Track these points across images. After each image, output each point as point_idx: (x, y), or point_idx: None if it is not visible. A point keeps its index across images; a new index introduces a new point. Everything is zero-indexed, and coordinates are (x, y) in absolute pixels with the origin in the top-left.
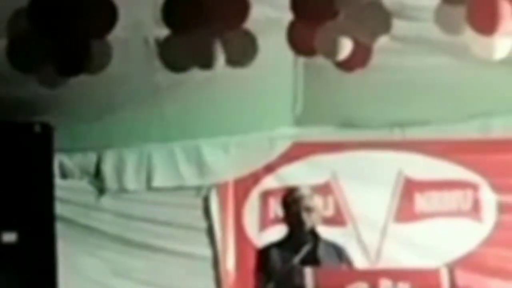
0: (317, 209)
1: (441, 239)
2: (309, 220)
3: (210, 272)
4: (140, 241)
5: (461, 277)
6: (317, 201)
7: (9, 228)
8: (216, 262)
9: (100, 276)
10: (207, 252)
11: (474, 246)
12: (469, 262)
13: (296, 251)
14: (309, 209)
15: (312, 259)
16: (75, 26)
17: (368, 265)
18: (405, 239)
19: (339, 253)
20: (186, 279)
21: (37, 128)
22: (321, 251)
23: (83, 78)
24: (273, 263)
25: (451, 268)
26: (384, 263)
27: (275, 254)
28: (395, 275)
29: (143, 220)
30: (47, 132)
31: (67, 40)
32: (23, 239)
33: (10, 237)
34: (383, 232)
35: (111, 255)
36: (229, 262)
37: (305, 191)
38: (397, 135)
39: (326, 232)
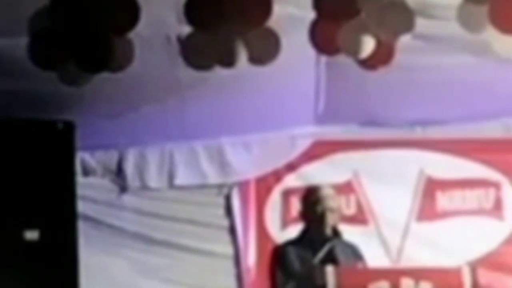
0: (339, 210)
1: (463, 238)
2: (331, 220)
3: (231, 270)
4: (161, 239)
5: (483, 275)
6: (339, 201)
7: (31, 226)
8: (237, 260)
9: (122, 274)
10: (229, 250)
11: (496, 245)
12: (491, 260)
13: (314, 250)
14: (331, 210)
15: (331, 259)
16: (97, 23)
17: (390, 264)
18: (426, 238)
19: (354, 252)
20: (208, 277)
21: (60, 126)
22: (340, 251)
23: (105, 75)
24: (291, 261)
25: (473, 267)
26: (405, 262)
27: (292, 252)
28: (417, 274)
29: (165, 218)
30: (69, 129)
31: (89, 37)
32: (45, 237)
33: (32, 234)
34: (405, 231)
35: (132, 253)
36: (251, 260)
37: (328, 191)
38: (419, 133)
39: (347, 231)
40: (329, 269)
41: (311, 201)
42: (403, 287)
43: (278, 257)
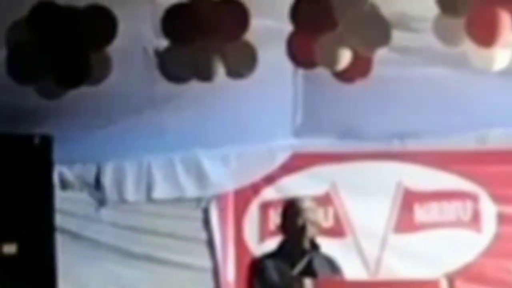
0: (319, 222)
1: (441, 250)
2: (311, 232)
3: (210, 284)
4: (139, 253)
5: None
6: (319, 214)
7: (9, 239)
8: (216, 274)
9: (100, 287)
10: (207, 263)
11: (474, 257)
12: (469, 273)
13: (293, 262)
14: (312, 222)
15: (309, 271)
16: (75, 39)
17: (368, 276)
18: (404, 250)
19: (332, 264)
20: None
21: (37, 140)
22: (318, 264)
23: (82, 89)
24: (269, 274)
25: (451, 279)
26: (383, 274)
27: (271, 265)
28: (395, 286)
29: (143, 231)
30: (47, 143)
31: (67, 52)
32: (23, 250)
33: (10, 248)
34: (383, 243)
35: (110, 266)
36: (229, 273)
37: (309, 203)
38: (396, 146)
39: (325, 244)
40: (307, 282)
41: (291, 213)
42: None
43: (256, 270)
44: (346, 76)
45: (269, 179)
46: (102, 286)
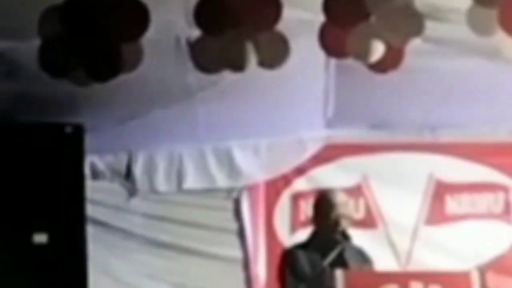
0: (351, 215)
1: (472, 241)
2: (342, 225)
3: (240, 275)
4: (170, 243)
5: (492, 280)
6: (350, 207)
7: (40, 229)
8: (246, 264)
9: (131, 278)
10: (238, 254)
11: (505, 249)
12: (500, 265)
13: (324, 253)
14: (344, 216)
15: (340, 262)
16: (108, 31)
17: (399, 268)
18: (436, 242)
19: (363, 256)
20: (217, 281)
21: (68, 129)
22: (349, 255)
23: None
24: (301, 264)
25: (482, 271)
26: (414, 266)
27: (302, 256)
28: (426, 277)
29: (173, 222)
30: (78, 133)
31: (100, 45)
32: (54, 240)
33: (41, 238)
34: (414, 235)
35: (141, 256)
36: (260, 265)
37: (341, 197)
38: (428, 137)
39: (357, 235)
40: (339, 273)
41: (323, 206)
42: None
43: (287, 261)
44: (378, 67)
45: (300, 170)
46: (132, 276)
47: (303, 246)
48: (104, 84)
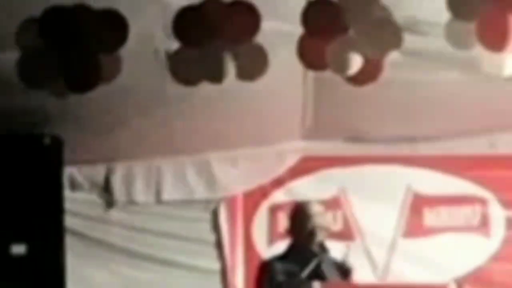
0: (328, 227)
1: (450, 254)
2: (319, 237)
3: (218, 286)
4: (148, 254)
5: None
6: (328, 218)
7: (18, 240)
8: (224, 276)
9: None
10: (216, 266)
11: (483, 262)
12: (478, 277)
13: (302, 265)
14: (321, 227)
15: (318, 274)
16: (86, 42)
17: (376, 281)
18: (413, 254)
19: (341, 268)
20: None
21: (47, 140)
22: (326, 267)
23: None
24: (278, 276)
25: (460, 283)
26: (392, 278)
27: (279, 268)
28: None
29: (152, 233)
30: (57, 144)
31: (78, 56)
32: (32, 251)
33: (19, 249)
34: (392, 247)
35: (119, 267)
36: (238, 276)
37: (318, 208)
38: (406, 150)
39: (334, 247)
40: (316, 285)
41: (300, 218)
42: None
43: (265, 272)
44: (356, 80)
45: (278, 182)
46: (109, 286)
47: (281, 258)
48: (82, 95)
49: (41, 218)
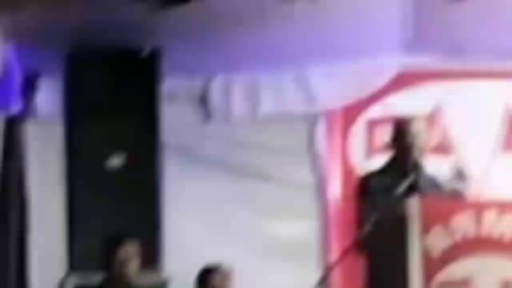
0: (426, 143)
1: None
2: (416, 153)
3: (313, 200)
4: (244, 168)
5: None
6: (426, 135)
7: (115, 153)
8: (321, 190)
9: (204, 202)
10: (312, 179)
11: None
12: None
13: (399, 180)
14: (418, 143)
15: (414, 190)
16: None
17: (473, 196)
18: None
19: (437, 184)
20: (290, 206)
21: (146, 52)
22: (422, 183)
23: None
24: (376, 191)
25: None
26: (488, 194)
27: (378, 182)
28: (501, 207)
29: (248, 146)
30: (156, 56)
31: None
32: (128, 164)
33: (116, 162)
34: (489, 163)
35: (215, 181)
36: (334, 190)
37: (419, 126)
38: (506, 64)
39: (430, 162)
40: (413, 201)
41: (399, 134)
42: (486, 220)
43: (363, 187)
44: None
45: (377, 97)
46: (205, 200)
47: (379, 172)
48: (182, 7)
49: (138, 131)
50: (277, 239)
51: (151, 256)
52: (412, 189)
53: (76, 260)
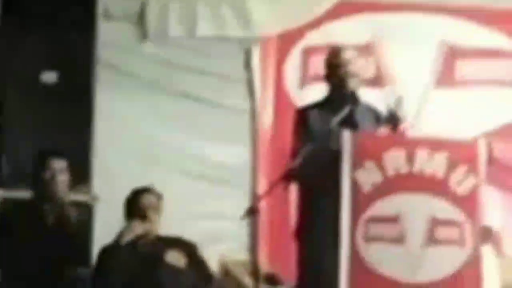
0: (361, 74)
1: (481, 108)
2: (352, 83)
3: (247, 126)
4: (179, 89)
5: (499, 148)
6: (361, 65)
7: (49, 68)
8: (253, 116)
9: (137, 120)
10: (246, 105)
11: None
12: (508, 132)
13: (334, 113)
14: (353, 74)
15: (350, 122)
16: None
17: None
18: (444, 105)
19: (375, 115)
20: (223, 130)
21: None
22: (359, 115)
23: None
24: (312, 123)
25: (489, 139)
26: (422, 128)
27: (315, 115)
28: (433, 144)
29: (183, 68)
30: None
31: None
32: (62, 79)
33: (50, 77)
34: (423, 97)
35: (149, 100)
36: (267, 117)
37: (350, 54)
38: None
39: (364, 93)
40: (345, 133)
41: (332, 63)
42: (417, 157)
43: (301, 118)
44: None
45: (314, 24)
46: (137, 120)
47: (317, 105)
48: None
49: (73, 47)
50: (208, 162)
51: (81, 173)
52: (348, 121)
53: (6, 176)
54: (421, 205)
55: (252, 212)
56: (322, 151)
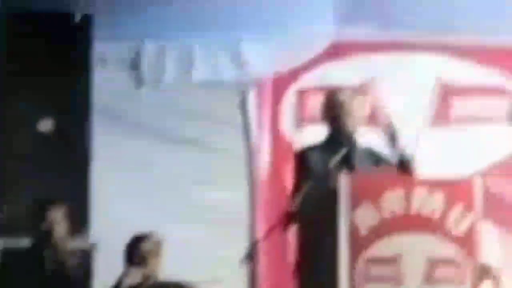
0: (359, 114)
1: (476, 145)
2: (349, 124)
3: (243, 168)
4: (175, 133)
5: (495, 184)
6: (358, 105)
7: (45, 116)
8: (250, 159)
9: (134, 165)
10: (242, 148)
11: (509, 153)
12: (503, 169)
13: (332, 155)
14: (350, 114)
15: (347, 164)
16: None
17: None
18: (439, 144)
19: (372, 156)
20: (219, 173)
21: (77, 18)
22: (358, 156)
23: None
24: (312, 165)
25: (484, 176)
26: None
27: (315, 156)
28: (430, 184)
29: (180, 112)
30: (87, 21)
31: None
32: (59, 127)
33: (46, 125)
34: (419, 136)
35: (145, 146)
36: (264, 159)
37: (348, 95)
38: (440, 37)
39: (362, 133)
40: (343, 176)
41: (330, 104)
42: (415, 198)
43: (300, 162)
44: None
45: (309, 66)
46: (134, 165)
47: (318, 147)
48: None
49: (69, 95)
50: (206, 206)
51: (79, 220)
52: (346, 162)
53: (5, 225)
54: (419, 245)
55: (250, 257)
56: (321, 190)
